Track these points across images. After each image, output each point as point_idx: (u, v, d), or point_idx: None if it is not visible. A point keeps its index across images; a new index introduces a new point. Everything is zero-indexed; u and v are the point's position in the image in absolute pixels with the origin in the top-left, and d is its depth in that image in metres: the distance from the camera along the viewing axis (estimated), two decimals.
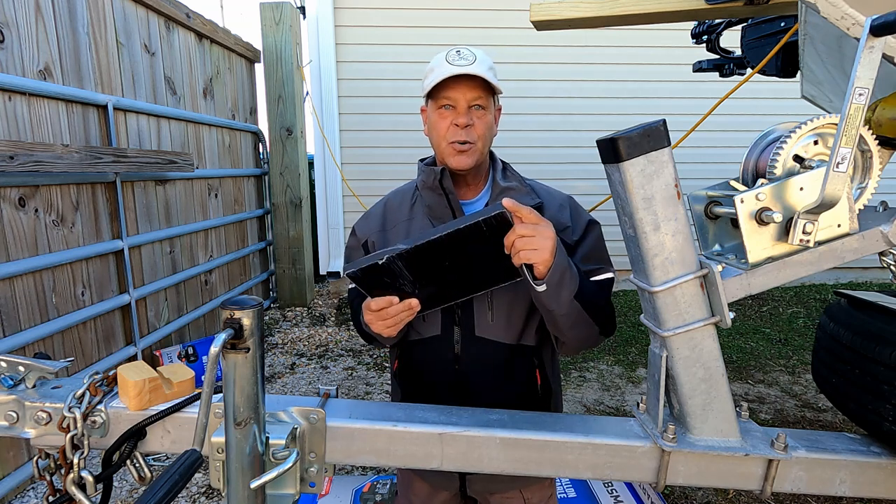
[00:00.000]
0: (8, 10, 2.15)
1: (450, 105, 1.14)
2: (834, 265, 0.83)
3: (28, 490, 2.23)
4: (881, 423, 0.89)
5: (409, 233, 1.23)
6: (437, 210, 1.21)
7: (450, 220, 1.19)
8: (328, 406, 0.95)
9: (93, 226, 2.65)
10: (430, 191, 1.21)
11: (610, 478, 0.92)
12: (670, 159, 0.81)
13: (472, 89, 1.12)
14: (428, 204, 1.22)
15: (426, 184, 1.21)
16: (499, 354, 1.19)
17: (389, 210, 1.29)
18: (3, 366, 0.93)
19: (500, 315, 1.18)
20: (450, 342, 1.20)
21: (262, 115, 4.79)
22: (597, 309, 1.10)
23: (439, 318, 1.19)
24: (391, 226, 1.26)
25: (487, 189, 1.25)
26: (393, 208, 1.29)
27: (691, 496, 2.25)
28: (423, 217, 1.24)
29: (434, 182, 1.19)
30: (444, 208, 1.20)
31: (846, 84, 0.71)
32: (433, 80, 1.12)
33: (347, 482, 2.23)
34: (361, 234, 1.29)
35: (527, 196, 1.22)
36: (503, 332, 1.19)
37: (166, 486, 0.62)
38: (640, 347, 3.95)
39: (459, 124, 1.13)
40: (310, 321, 4.58)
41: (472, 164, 1.17)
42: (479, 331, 1.18)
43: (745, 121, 4.63)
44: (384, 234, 1.26)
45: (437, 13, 4.82)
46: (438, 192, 1.20)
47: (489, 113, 1.16)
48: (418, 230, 1.22)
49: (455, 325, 1.20)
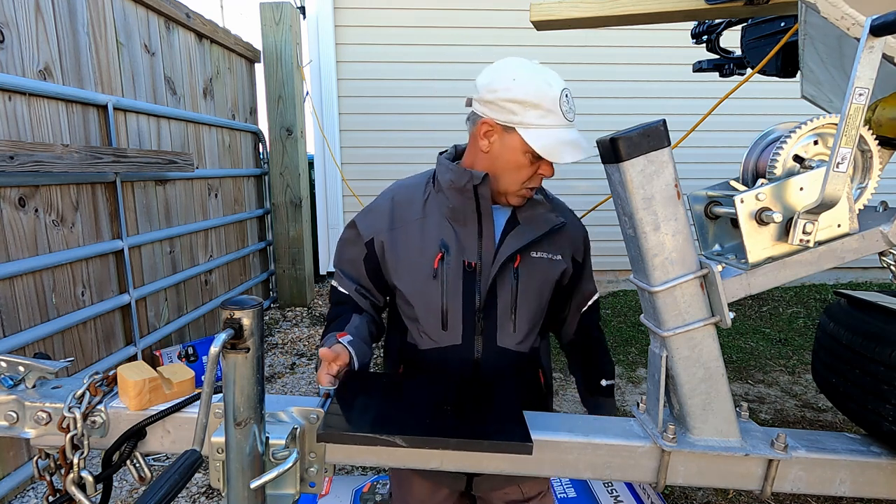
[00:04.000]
0: (8, 10, 2.15)
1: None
2: (834, 265, 0.83)
3: (28, 490, 2.23)
4: (881, 423, 0.89)
5: (423, 232, 1.18)
6: (460, 213, 1.16)
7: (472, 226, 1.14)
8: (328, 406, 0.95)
9: (93, 226, 2.65)
10: (457, 192, 1.15)
11: (610, 478, 0.92)
12: (670, 159, 0.81)
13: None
14: (452, 206, 1.16)
15: (455, 184, 1.15)
16: (516, 362, 1.21)
17: (398, 206, 1.22)
18: (3, 366, 0.93)
19: (521, 326, 1.20)
20: (471, 351, 1.19)
21: (262, 115, 4.78)
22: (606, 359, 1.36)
23: (460, 329, 1.17)
24: (400, 224, 1.20)
25: None
26: (402, 204, 1.22)
27: (691, 496, 2.25)
28: (440, 217, 1.18)
29: (467, 185, 1.13)
30: (470, 213, 1.16)
31: (846, 84, 0.71)
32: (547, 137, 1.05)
33: (347, 482, 2.23)
34: (365, 232, 1.22)
35: (550, 213, 1.22)
36: (522, 341, 1.21)
37: (166, 486, 0.62)
38: (640, 347, 3.95)
39: (547, 176, 1.13)
40: (310, 321, 4.58)
41: None
42: (501, 341, 1.19)
43: (745, 121, 4.63)
44: (393, 232, 1.20)
45: (437, 13, 4.82)
46: (469, 195, 1.14)
47: None
48: (433, 229, 1.17)
49: (477, 334, 1.19)
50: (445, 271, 1.15)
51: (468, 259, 1.16)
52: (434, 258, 1.15)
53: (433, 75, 4.86)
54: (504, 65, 1.09)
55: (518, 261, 1.17)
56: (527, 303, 1.18)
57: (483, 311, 1.17)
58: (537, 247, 1.19)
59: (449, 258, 1.15)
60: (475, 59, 4.67)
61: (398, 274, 1.20)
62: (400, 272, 1.19)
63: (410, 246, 1.18)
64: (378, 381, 1.11)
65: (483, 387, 1.07)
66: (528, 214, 1.20)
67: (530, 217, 1.20)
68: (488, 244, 1.16)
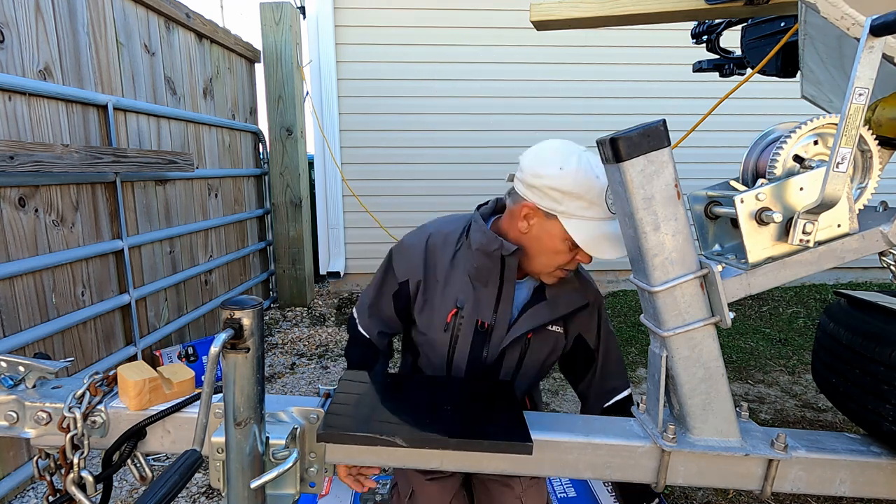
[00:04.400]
0: (8, 10, 2.15)
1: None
2: (834, 265, 0.83)
3: (28, 490, 2.23)
4: (881, 423, 0.89)
5: (447, 284, 1.21)
6: (482, 275, 1.18)
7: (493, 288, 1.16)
8: (328, 406, 0.95)
9: (93, 226, 2.65)
10: (485, 256, 1.16)
11: (610, 478, 0.92)
12: (670, 159, 0.81)
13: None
14: (477, 266, 1.18)
15: (484, 248, 1.16)
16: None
17: (431, 251, 1.23)
18: (3, 366, 0.93)
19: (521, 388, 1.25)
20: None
21: (262, 115, 4.78)
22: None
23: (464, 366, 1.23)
24: (431, 270, 1.22)
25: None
26: (435, 250, 1.23)
27: (691, 496, 2.25)
28: (463, 272, 1.20)
29: (496, 253, 1.14)
30: (494, 277, 1.18)
31: (846, 84, 0.71)
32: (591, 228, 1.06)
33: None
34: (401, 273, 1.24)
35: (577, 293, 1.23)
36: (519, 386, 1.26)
37: (166, 486, 0.62)
38: (640, 347, 3.94)
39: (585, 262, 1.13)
40: (310, 321, 4.58)
41: None
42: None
43: (745, 121, 4.63)
44: (426, 276, 1.22)
45: (437, 13, 4.82)
46: (496, 261, 1.16)
47: None
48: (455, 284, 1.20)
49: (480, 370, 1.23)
50: (457, 326, 1.19)
51: (482, 319, 1.19)
52: (448, 314, 1.20)
53: (433, 75, 4.86)
54: (552, 150, 1.09)
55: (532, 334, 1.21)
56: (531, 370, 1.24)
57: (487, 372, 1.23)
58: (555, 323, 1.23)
59: (462, 314, 1.19)
60: (475, 59, 4.67)
61: (420, 314, 1.25)
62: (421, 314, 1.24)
63: (436, 294, 1.22)
64: (378, 381, 1.11)
65: (483, 387, 1.08)
66: (556, 292, 1.21)
67: (557, 295, 1.21)
68: (505, 308, 1.19)
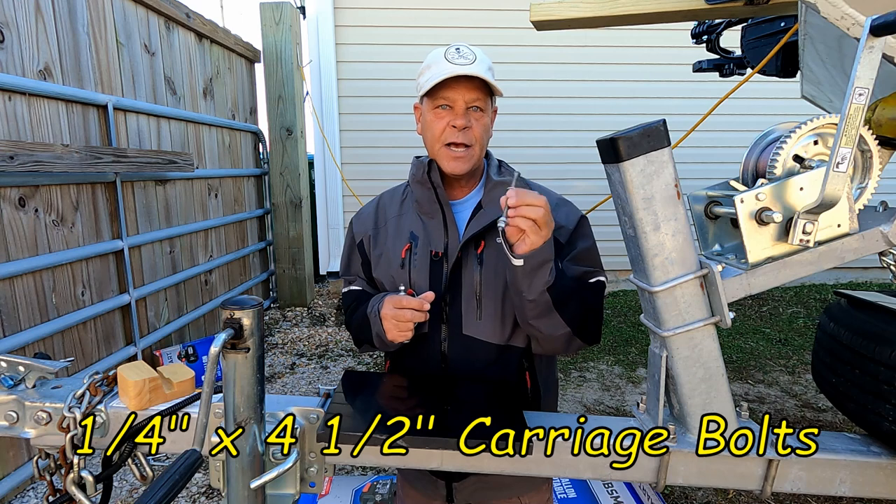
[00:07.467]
0: (8, 10, 2.15)
1: (447, 105, 1.11)
2: (834, 265, 0.83)
3: (28, 490, 2.23)
4: (881, 423, 0.89)
5: (399, 229, 1.22)
6: (425, 205, 1.20)
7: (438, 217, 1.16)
8: (328, 406, 0.95)
9: (93, 226, 2.65)
10: (419, 185, 1.20)
11: (610, 478, 0.92)
12: (670, 159, 0.81)
13: (472, 90, 1.09)
14: (417, 199, 1.21)
15: (416, 177, 1.20)
16: (486, 354, 1.15)
17: (381, 207, 1.29)
18: (3, 366, 0.93)
19: (488, 313, 1.14)
20: (436, 340, 1.17)
21: (262, 115, 4.79)
22: (570, 309, 1.04)
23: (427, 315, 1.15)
24: (382, 223, 1.26)
25: (480, 187, 1.22)
26: (384, 205, 1.29)
27: (691, 496, 2.25)
28: (413, 213, 1.22)
29: (423, 176, 1.18)
30: (432, 203, 1.19)
31: (846, 84, 0.71)
32: (431, 79, 1.09)
33: (347, 482, 2.23)
34: (356, 233, 1.29)
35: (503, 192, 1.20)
36: (491, 331, 1.15)
37: (166, 486, 0.62)
38: (640, 347, 3.95)
39: (457, 126, 1.10)
40: (310, 321, 4.58)
41: (468, 170, 1.15)
42: (467, 329, 1.15)
43: (745, 121, 4.63)
44: (376, 231, 1.26)
45: (436, 13, 4.82)
46: (427, 186, 1.18)
47: (487, 115, 1.14)
48: (407, 224, 1.22)
49: (442, 322, 1.16)
50: (412, 260, 1.18)
51: (434, 248, 1.18)
52: (402, 249, 1.20)
53: None
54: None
55: (482, 246, 1.15)
56: (492, 289, 1.14)
57: (448, 298, 1.16)
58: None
59: (416, 248, 1.19)
60: None
61: (377, 268, 1.25)
62: (377, 265, 1.25)
63: (388, 241, 1.23)
64: (378, 381, 1.11)
65: (483, 387, 1.07)
66: (491, 197, 1.17)
67: (493, 199, 1.15)
68: (453, 232, 1.17)
